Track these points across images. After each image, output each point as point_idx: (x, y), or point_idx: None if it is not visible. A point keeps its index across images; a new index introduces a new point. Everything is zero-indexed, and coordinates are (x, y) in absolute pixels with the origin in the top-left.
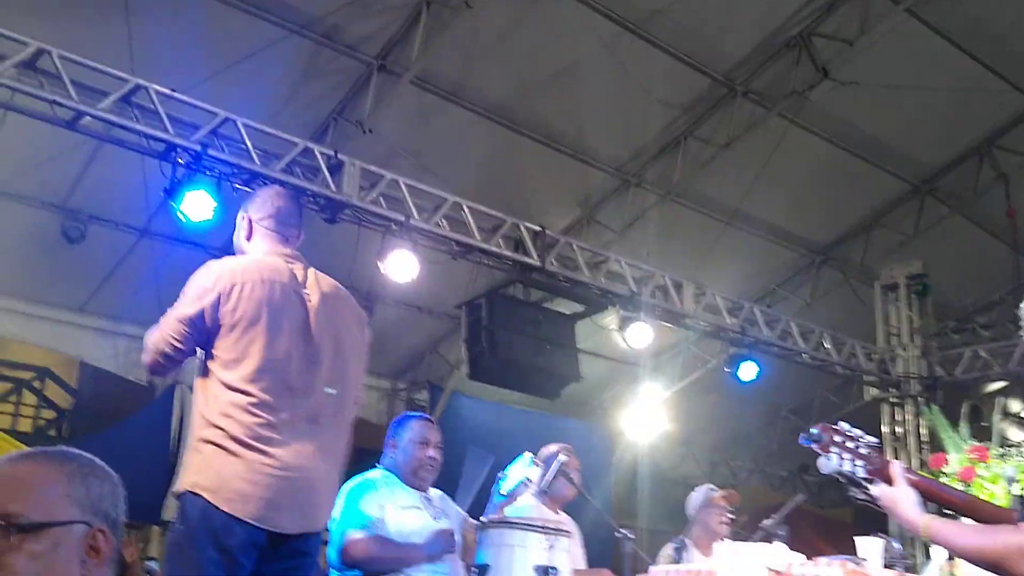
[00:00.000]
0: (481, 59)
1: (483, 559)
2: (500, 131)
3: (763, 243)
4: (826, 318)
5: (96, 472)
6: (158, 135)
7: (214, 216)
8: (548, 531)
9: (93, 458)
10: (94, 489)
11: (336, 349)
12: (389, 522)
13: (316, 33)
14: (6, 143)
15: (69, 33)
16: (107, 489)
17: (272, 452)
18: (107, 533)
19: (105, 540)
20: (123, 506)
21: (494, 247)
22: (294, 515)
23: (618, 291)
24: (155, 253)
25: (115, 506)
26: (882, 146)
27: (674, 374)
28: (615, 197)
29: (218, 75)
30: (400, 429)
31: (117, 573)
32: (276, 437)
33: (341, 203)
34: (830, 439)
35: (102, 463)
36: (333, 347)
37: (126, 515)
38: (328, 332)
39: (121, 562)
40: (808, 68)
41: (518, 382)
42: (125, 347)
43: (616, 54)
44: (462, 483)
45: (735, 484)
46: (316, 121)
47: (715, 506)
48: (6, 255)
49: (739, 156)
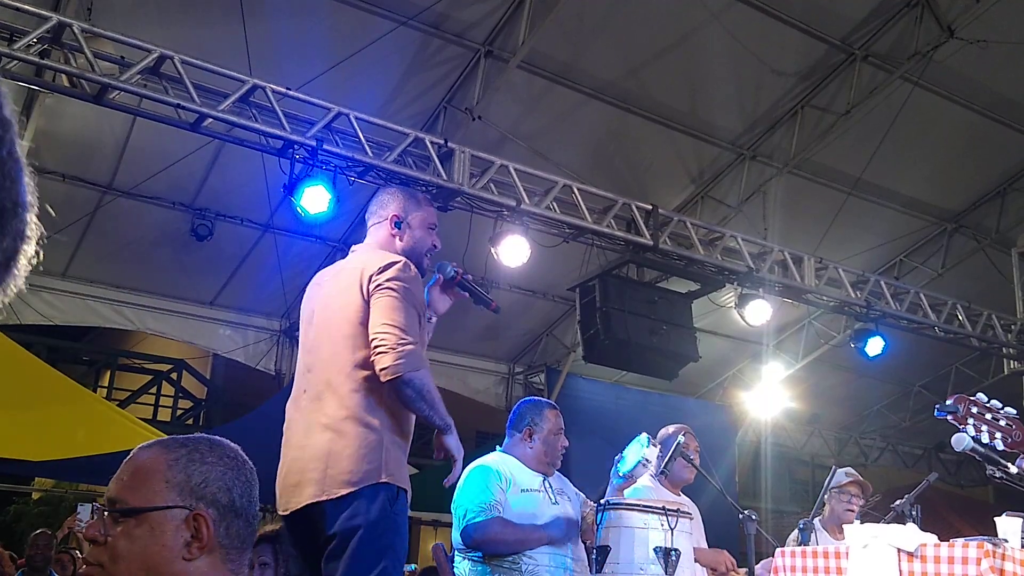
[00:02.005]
0: (588, 38)
1: (602, 541)
2: (610, 110)
3: (889, 212)
4: (959, 288)
5: (206, 458)
6: (276, 133)
7: (331, 209)
8: (669, 513)
9: (215, 443)
10: (196, 475)
11: (315, 328)
12: (511, 505)
13: (423, 23)
14: (136, 147)
15: (189, 38)
16: (215, 474)
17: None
18: (206, 518)
19: (206, 524)
20: (245, 490)
21: (606, 228)
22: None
23: (735, 268)
24: (278, 247)
25: (227, 490)
26: (1014, 105)
27: (797, 351)
28: (730, 172)
29: (330, 71)
30: (537, 418)
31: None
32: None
33: (453, 191)
34: (967, 411)
35: (224, 448)
36: (314, 328)
37: (253, 500)
38: (317, 315)
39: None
40: (932, 27)
41: (634, 363)
42: (254, 338)
43: (726, 24)
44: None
45: (865, 463)
46: (426, 111)
47: (844, 492)
48: (142, 254)
49: (860, 123)
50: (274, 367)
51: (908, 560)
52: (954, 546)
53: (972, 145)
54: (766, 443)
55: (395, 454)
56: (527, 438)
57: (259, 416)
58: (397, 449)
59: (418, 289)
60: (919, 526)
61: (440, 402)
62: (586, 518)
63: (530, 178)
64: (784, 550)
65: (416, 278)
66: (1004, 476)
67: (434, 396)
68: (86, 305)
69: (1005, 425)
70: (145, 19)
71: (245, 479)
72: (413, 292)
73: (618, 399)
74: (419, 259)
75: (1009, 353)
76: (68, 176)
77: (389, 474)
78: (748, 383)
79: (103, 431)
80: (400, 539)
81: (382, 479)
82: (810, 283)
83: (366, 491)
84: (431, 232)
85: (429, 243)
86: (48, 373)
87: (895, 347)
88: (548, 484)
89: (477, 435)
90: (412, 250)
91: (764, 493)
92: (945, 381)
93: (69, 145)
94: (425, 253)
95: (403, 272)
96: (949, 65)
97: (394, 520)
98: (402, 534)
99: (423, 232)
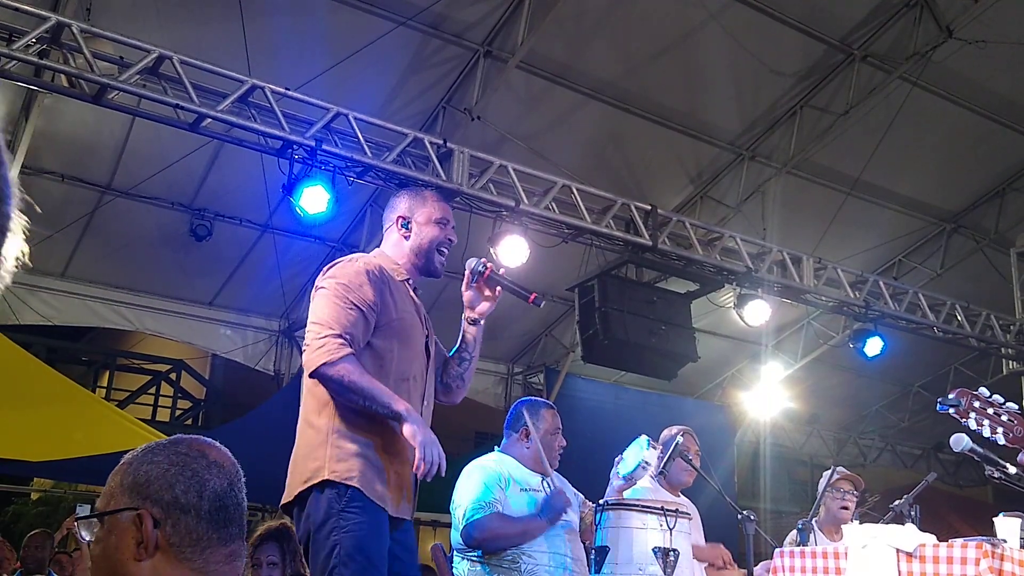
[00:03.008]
0: (587, 39)
1: (602, 541)
2: (609, 110)
3: (887, 213)
4: (958, 289)
5: (154, 458)
6: (275, 133)
7: (330, 209)
8: (668, 513)
9: (175, 442)
10: (140, 475)
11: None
12: (510, 503)
13: (422, 23)
14: (135, 148)
15: (188, 38)
16: (156, 472)
17: None
18: (143, 516)
19: (147, 522)
20: (191, 485)
21: (605, 228)
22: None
23: (734, 268)
24: (277, 247)
25: (169, 487)
26: (1013, 106)
27: (796, 351)
28: (729, 172)
29: (329, 71)
30: (534, 418)
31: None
32: None
33: (452, 191)
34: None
35: (181, 445)
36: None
37: (206, 496)
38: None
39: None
40: (931, 28)
41: (633, 363)
42: (253, 338)
43: (725, 25)
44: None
45: (864, 463)
46: (425, 111)
47: (837, 489)
48: (141, 254)
49: (859, 124)
50: (273, 367)
51: (907, 560)
52: (953, 546)
53: (971, 145)
54: (765, 443)
55: (344, 451)
56: (523, 438)
57: (258, 416)
58: (347, 445)
59: (362, 281)
60: (918, 526)
61: (378, 390)
62: (585, 518)
63: (529, 178)
64: (783, 550)
65: (359, 272)
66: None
67: (362, 385)
68: (85, 305)
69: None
70: (144, 19)
71: (192, 474)
72: (349, 285)
73: (617, 399)
74: (430, 255)
75: (1008, 353)
76: (67, 176)
77: (332, 471)
78: (747, 383)
79: (102, 432)
80: (352, 539)
81: (325, 476)
82: (809, 283)
83: (312, 491)
84: (441, 227)
85: (441, 238)
86: (47, 373)
87: (894, 347)
88: (547, 484)
89: (476, 435)
90: (420, 247)
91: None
92: (944, 381)
93: (68, 145)
94: (436, 249)
95: (339, 268)
96: (948, 65)
97: (344, 520)
98: (356, 534)
99: (431, 228)
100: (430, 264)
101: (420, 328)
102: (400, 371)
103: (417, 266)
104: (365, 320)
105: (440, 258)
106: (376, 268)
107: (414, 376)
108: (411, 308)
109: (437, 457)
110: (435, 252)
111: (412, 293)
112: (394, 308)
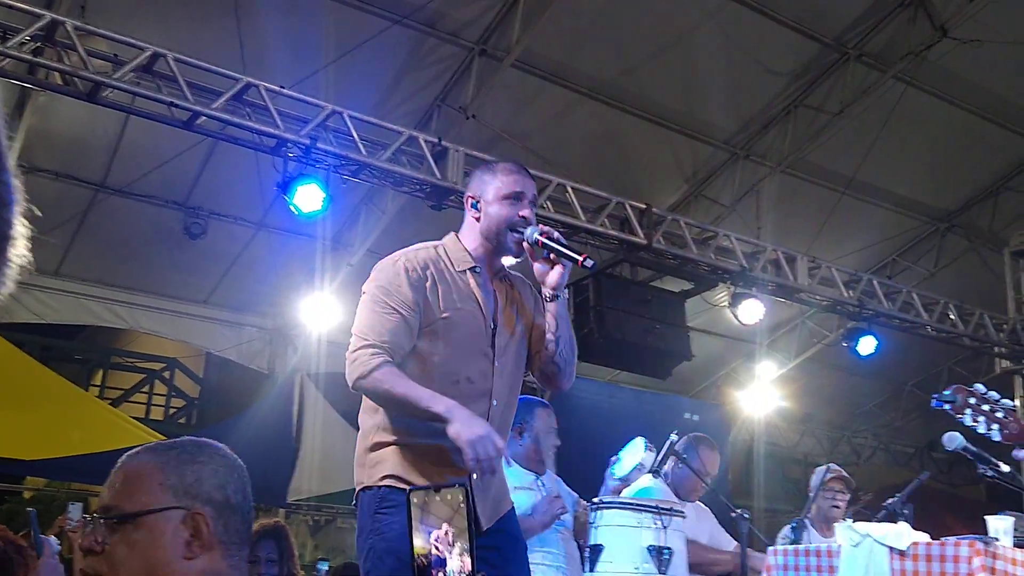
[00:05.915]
0: (582, 37)
1: (596, 540)
2: (604, 109)
3: (882, 212)
4: (951, 288)
5: (197, 458)
6: (269, 131)
7: (324, 207)
8: (662, 512)
9: (201, 444)
10: (189, 475)
11: None
12: None
13: (417, 22)
14: (129, 146)
15: (182, 36)
16: (207, 472)
17: None
18: (204, 515)
19: (205, 522)
20: (238, 486)
21: (599, 227)
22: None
23: (728, 267)
24: (272, 245)
25: (221, 488)
26: (1008, 105)
27: (790, 350)
28: (723, 171)
29: (324, 69)
30: (528, 417)
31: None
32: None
33: (446, 189)
34: (964, 400)
35: (212, 447)
36: None
37: (247, 496)
38: None
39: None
40: (925, 27)
41: (628, 362)
42: (247, 336)
43: (721, 23)
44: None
45: (857, 462)
46: (420, 109)
47: (828, 489)
48: (135, 252)
49: (853, 123)
50: (267, 366)
51: (900, 559)
52: (946, 545)
53: (965, 145)
54: (759, 442)
55: (384, 453)
56: (517, 436)
57: (252, 415)
58: (385, 450)
59: (400, 282)
60: (911, 525)
61: (416, 395)
62: (579, 517)
63: None
64: (776, 548)
65: (397, 272)
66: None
67: (397, 393)
68: (79, 303)
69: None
70: (138, 17)
71: (238, 476)
72: (388, 287)
73: (611, 398)
74: (502, 236)
75: (1001, 352)
76: (61, 174)
77: (370, 476)
78: (741, 382)
79: (96, 430)
80: (384, 541)
81: (364, 483)
82: (803, 282)
83: (360, 495)
84: (512, 203)
85: (512, 216)
86: (41, 372)
87: (888, 346)
88: (541, 483)
89: None
90: (490, 230)
91: (757, 492)
92: (937, 380)
93: (62, 143)
94: (507, 228)
95: (379, 270)
96: (942, 65)
97: (376, 522)
98: (387, 535)
99: (499, 206)
100: (503, 247)
101: (481, 323)
102: (448, 373)
103: (492, 251)
104: (406, 323)
105: (515, 236)
106: (419, 264)
107: (468, 377)
108: (471, 302)
109: (492, 451)
110: (508, 232)
111: (477, 282)
112: (440, 306)
